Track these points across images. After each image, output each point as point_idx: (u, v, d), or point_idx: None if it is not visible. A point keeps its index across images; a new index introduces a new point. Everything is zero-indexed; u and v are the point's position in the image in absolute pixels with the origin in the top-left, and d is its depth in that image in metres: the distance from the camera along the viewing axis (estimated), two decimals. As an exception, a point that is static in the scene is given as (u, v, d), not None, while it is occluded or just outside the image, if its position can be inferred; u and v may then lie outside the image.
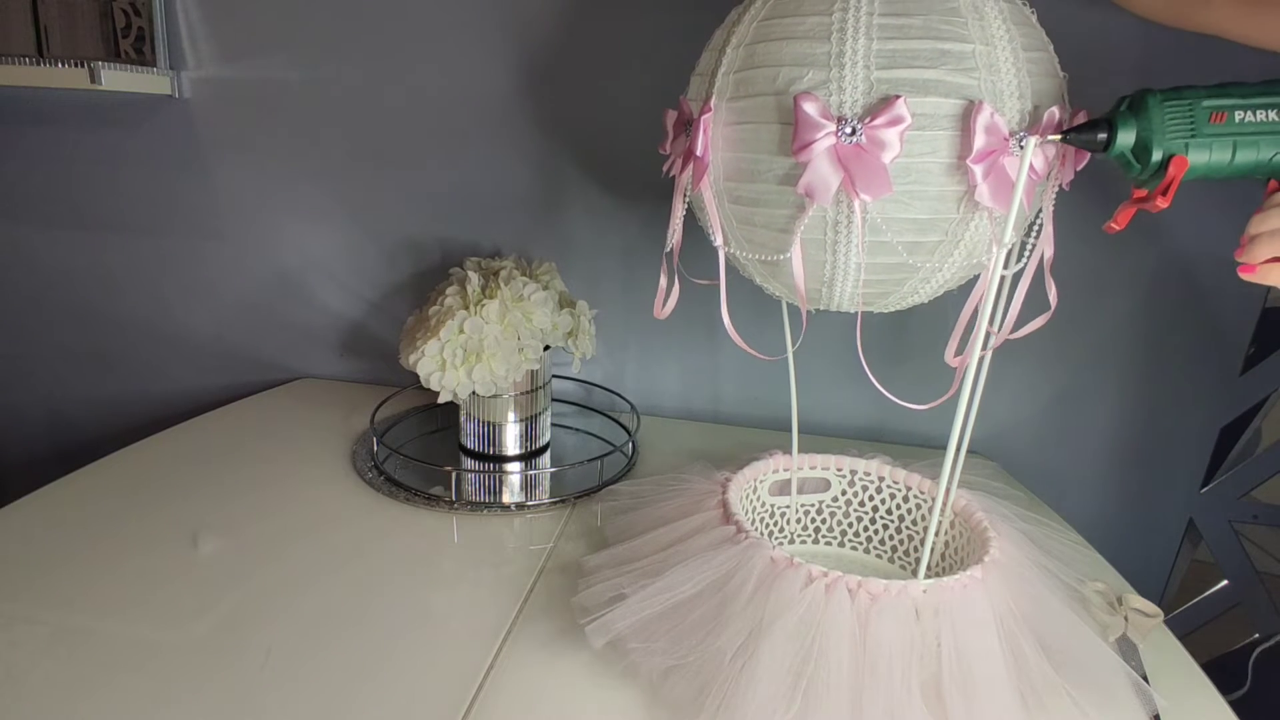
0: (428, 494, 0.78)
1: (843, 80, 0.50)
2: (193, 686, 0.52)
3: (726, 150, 0.56)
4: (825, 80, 0.50)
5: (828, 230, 0.54)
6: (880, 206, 0.52)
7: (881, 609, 0.51)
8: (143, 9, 0.99)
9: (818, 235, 0.54)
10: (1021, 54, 0.51)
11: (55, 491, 0.75)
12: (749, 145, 0.54)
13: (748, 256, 0.59)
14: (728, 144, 0.55)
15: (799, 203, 0.53)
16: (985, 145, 0.49)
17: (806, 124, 0.49)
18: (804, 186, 0.51)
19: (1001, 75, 0.50)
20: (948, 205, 0.52)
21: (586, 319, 0.89)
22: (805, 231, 0.54)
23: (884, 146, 0.49)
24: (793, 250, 0.55)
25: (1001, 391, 0.95)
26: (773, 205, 0.55)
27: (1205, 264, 0.87)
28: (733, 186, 0.56)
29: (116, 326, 1.17)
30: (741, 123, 0.54)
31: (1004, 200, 0.50)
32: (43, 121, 1.08)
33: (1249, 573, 0.96)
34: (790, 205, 0.54)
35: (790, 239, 0.54)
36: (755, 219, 0.56)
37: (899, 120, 0.48)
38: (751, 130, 0.54)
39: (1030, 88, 0.51)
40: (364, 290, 1.09)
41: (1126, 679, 0.53)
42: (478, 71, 0.96)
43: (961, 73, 0.49)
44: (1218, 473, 0.96)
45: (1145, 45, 0.82)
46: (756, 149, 0.54)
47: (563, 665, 0.56)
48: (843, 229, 0.53)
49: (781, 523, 0.76)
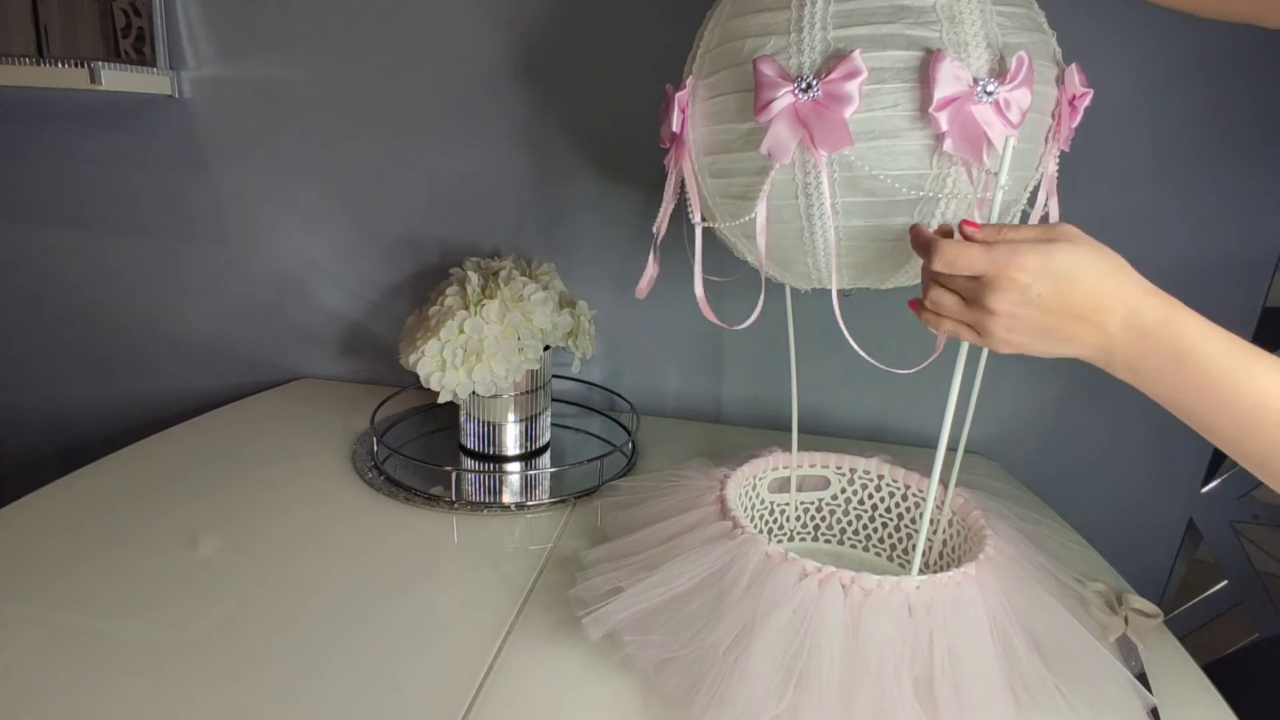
0: (428, 494, 0.78)
1: (801, 43, 0.51)
2: (193, 686, 0.52)
3: (703, 126, 0.57)
4: (785, 45, 0.51)
5: (799, 194, 0.54)
6: (850, 165, 0.52)
7: (874, 604, 0.51)
8: (143, 9, 0.99)
9: (790, 200, 0.54)
10: (990, 6, 0.51)
11: (55, 491, 0.75)
12: (720, 117, 0.56)
13: (729, 226, 0.60)
14: (704, 119, 0.57)
15: (764, 166, 0.54)
16: (947, 93, 0.49)
17: (765, 85, 0.50)
18: (766, 147, 0.51)
19: (965, 26, 0.50)
20: (919, 159, 0.51)
21: (586, 319, 0.90)
22: (778, 198, 0.54)
23: (842, 100, 0.49)
24: (758, 208, 0.55)
25: (1002, 392, 0.94)
26: (743, 173, 0.56)
27: (1206, 263, 0.87)
28: (710, 161, 0.58)
29: (117, 327, 1.17)
30: (713, 96, 0.56)
31: (976, 150, 0.50)
32: (43, 121, 1.09)
33: (1249, 573, 0.96)
34: (759, 171, 0.54)
35: (758, 203, 0.55)
36: (731, 190, 0.58)
37: (855, 73, 0.49)
38: (721, 102, 0.55)
39: (1000, 40, 0.51)
40: (364, 290, 1.09)
41: (1119, 677, 0.53)
42: (477, 71, 0.96)
43: (920, 26, 0.50)
44: (1218, 473, 0.96)
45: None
46: (727, 119, 0.55)
47: (560, 656, 0.56)
48: (812, 191, 0.53)
49: (781, 520, 0.76)
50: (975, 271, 0.45)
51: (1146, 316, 0.44)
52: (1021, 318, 0.45)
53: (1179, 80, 0.83)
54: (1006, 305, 0.45)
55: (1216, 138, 0.84)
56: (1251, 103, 0.82)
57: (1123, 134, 0.84)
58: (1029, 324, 0.45)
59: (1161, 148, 0.85)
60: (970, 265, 0.45)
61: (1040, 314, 0.45)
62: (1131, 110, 0.83)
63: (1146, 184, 0.86)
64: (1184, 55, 0.82)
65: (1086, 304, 0.44)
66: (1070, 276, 0.44)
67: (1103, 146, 0.83)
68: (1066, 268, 0.44)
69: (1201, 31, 0.69)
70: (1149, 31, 0.81)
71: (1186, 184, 0.86)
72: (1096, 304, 0.44)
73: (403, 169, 1.02)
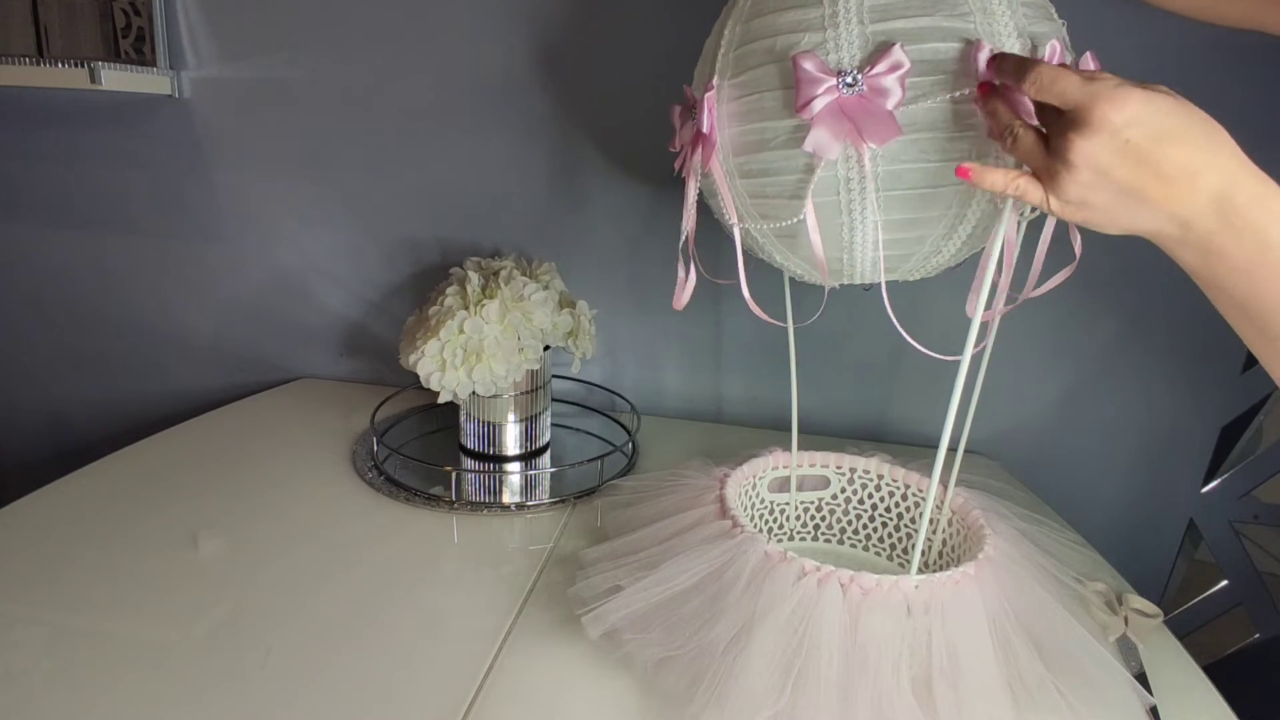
0: (428, 494, 0.78)
1: (839, 38, 0.50)
2: (193, 686, 0.52)
3: (732, 126, 0.56)
4: (821, 41, 0.51)
5: (840, 190, 0.53)
6: (891, 158, 0.51)
7: (873, 604, 0.51)
8: (143, 9, 0.99)
9: (831, 197, 0.54)
10: None
11: (55, 491, 0.76)
12: (754, 116, 0.55)
13: (763, 230, 0.59)
14: (733, 119, 0.56)
15: (808, 164, 0.53)
16: (989, 80, 0.48)
17: (807, 80, 0.50)
18: (811, 143, 0.51)
19: (996, 17, 0.50)
20: (962, 150, 0.51)
21: (586, 319, 0.90)
22: (818, 195, 0.54)
23: (886, 94, 0.49)
24: (806, 211, 0.54)
25: (1003, 392, 0.95)
26: (783, 172, 0.55)
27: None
28: (742, 162, 0.57)
29: (117, 327, 1.17)
30: (745, 95, 0.55)
31: None
32: (43, 121, 1.09)
33: (1249, 573, 0.96)
34: (800, 169, 0.54)
35: (803, 203, 0.54)
36: (767, 190, 0.56)
37: (898, 66, 0.48)
38: (755, 101, 0.54)
39: (1027, 30, 0.51)
40: (364, 290, 1.09)
41: (1118, 676, 0.53)
42: (477, 71, 0.96)
43: (957, 17, 0.49)
44: (1218, 472, 0.96)
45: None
46: (762, 118, 0.54)
47: (560, 655, 0.56)
48: (855, 187, 0.53)
49: (781, 519, 0.76)
50: (1070, 100, 0.41)
51: (1241, 192, 0.40)
52: (1103, 170, 0.41)
53: (1180, 80, 0.83)
54: (1092, 151, 0.41)
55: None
56: (1252, 102, 0.82)
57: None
58: (1109, 180, 0.41)
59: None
60: (1065, 91, 0.41)
61: (1126, 168, 0.40)
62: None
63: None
64: (1185, 55, 0.82)
65: (1179, 165, 0.40)
66: (1170, 129, 0.40)
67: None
68: (1169, 118, 0.40)
69: (1203, 34, 0.69)
70: (1150, 31, 0.81)
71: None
72: (1191, 167, 0.40)
73: (403, 169, 1.02)
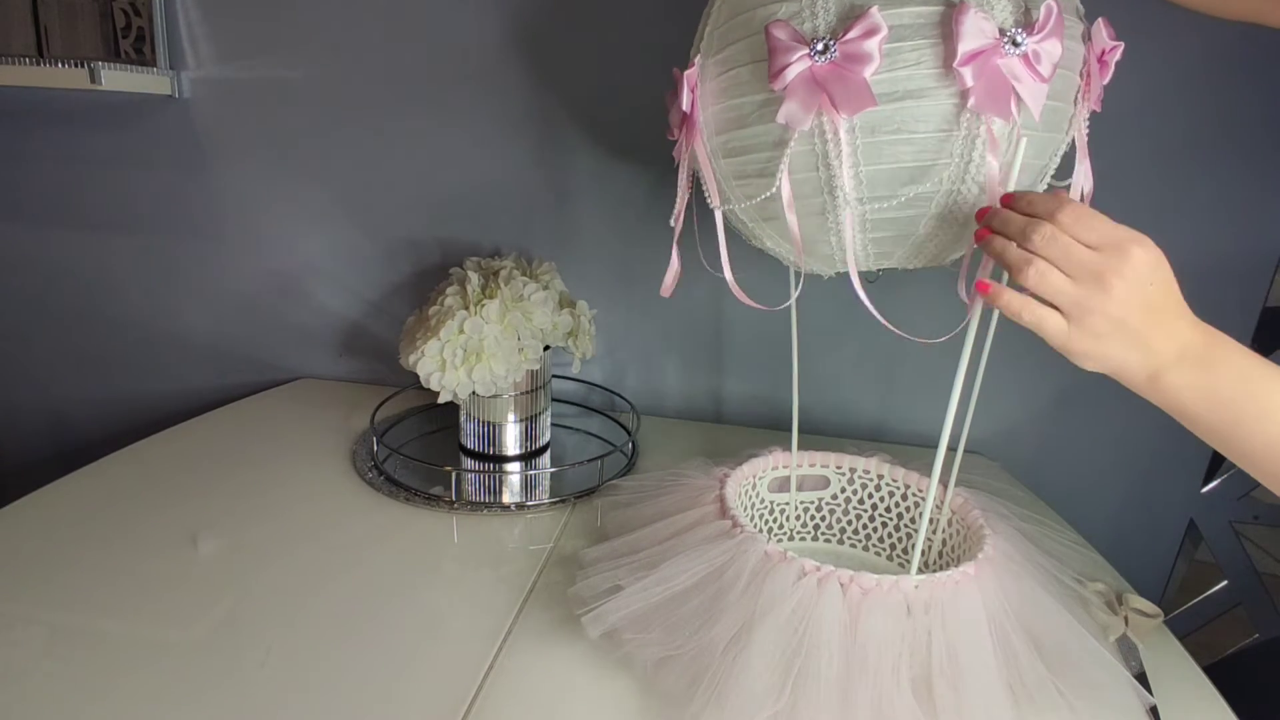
0: (428, 494, 0.78)
1: (814, 6, 0.49)
2: (193, 686, 0.52)
3: (714, 104, 0.55)
4: (799, 10, 0.49)
5: (819, 165, 0.51)
6: (872, 130, 0.49)
7: (873, 603, 0.51)
8: (143, 9, 0.99)
9: (810, 173, 0.52)
10: None
11: (55, 491, 0.75)
12: (732, 91, 0.54)
13: (744, 207, 0.58)
14: (715, 97, 0.55)
15: (782, 137, 0.51)
16: (972, 46, 0.46)
17: (779, 50, 0.48)
18: (784, 114, 0.49)
19: None
20: (946, 120, 0.49)
21: (586, 319, 0.90)
22: (797, 171, 0.52)
23: (862, 60, 0.46)
24: (780, 182, 0.52)
25: (1003, 392, 0.95)
26: (760, 148, 0.53)
27: (1206, 263, 0.87)
28: (724, 140, 0.56)
29: (116, 326, 1.17)
30: (724, 72, 0.54)
31: (1003, 108, 0.47)
32: (43, 121, 1.09)
33: (1249, 573, 0.96)
34: (776, 144, 0.52)
35: (774, 180, 0.53)
36: (748, 168, 0.55)
37: (874, 30, 0.46)
38: (733, 76, 0.53)
39: None
40: (364, 290, 1.09)
41: (1118, 676, 0.53)
42: (478, 71, 0.96)
43: None
44: (1218, 472, 0.96)
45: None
46: (739, 94, 0.53)
47: (560, 654, 0.56)
48: (834, 161, 0.50)
49: (781, 519, 0.76)
50: (1105, 238, 0.41)
51: (1200, 328, 0.43)
52: (1132, 307, 0.41)
53: (1181, 81, 0.83)
54: (1125, 288, 0.40)
55: (1217, 138, 0.84)
56: (1252, 103, 0.82)
57: (1124, 134, 0.84)
58: (1128, 318, 0.41)
59: (1162, 147, 0.85)
60: (1099, 229, 0.41)
61: (1143, 307, 0.41)
62: (1133, 110, 0.83)
63: (1147, 183, 0.86)
64: (1186, 56, 0.82)
65: (1170, 307, 0.42)
66: (1169, 273, 0.41)
67: (1104, 146, 0.83)
68: (1164, 262, 0.41)
69: (1205, 31, 0.69)
70: (1151, 31, 0.81)
71: (1187, 184, 0.86)
72: (1177, 309, 0.42)
73: (403, 168, 1.02)
